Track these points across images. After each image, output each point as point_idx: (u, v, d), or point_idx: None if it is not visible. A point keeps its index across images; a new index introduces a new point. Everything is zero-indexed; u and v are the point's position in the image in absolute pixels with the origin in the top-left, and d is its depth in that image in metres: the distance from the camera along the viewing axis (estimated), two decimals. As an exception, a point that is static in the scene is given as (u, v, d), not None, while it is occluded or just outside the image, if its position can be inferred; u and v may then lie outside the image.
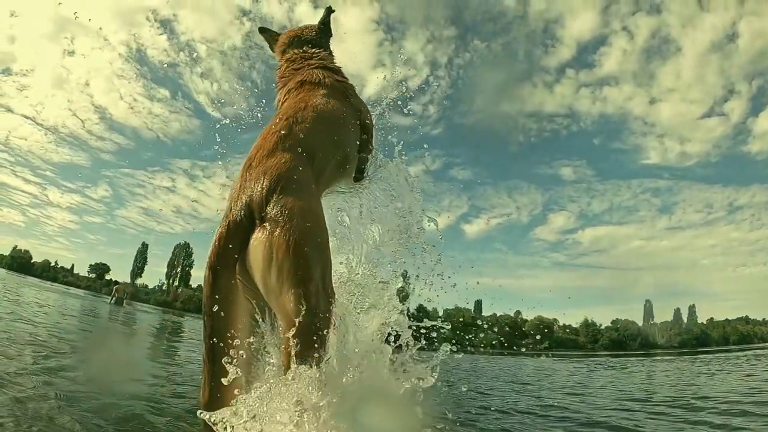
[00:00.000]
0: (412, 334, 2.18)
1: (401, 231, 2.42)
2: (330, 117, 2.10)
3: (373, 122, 2.54)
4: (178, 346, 5.71)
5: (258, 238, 1.57)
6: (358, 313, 2.17)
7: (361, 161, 2.38)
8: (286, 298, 1.51)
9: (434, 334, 2.28)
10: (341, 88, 2.34)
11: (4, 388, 1.82)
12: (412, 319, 2.26)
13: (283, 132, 1.85)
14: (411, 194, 2.49)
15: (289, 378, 1.44)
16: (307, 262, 1.55)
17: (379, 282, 2.32)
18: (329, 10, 2.66)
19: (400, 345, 2.09)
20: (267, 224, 1.57)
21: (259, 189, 1.62)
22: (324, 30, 2.66)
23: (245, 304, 1.68)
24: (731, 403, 4.30)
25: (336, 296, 1.66)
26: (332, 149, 2.05)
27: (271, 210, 1.58)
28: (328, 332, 1.54)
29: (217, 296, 1.55)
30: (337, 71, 2.48)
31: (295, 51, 2.54)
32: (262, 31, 2.76)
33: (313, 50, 2.55)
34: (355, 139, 2.27)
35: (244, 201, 1.62)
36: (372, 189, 2.49)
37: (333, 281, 1.69)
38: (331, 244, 1.77)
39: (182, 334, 7.99)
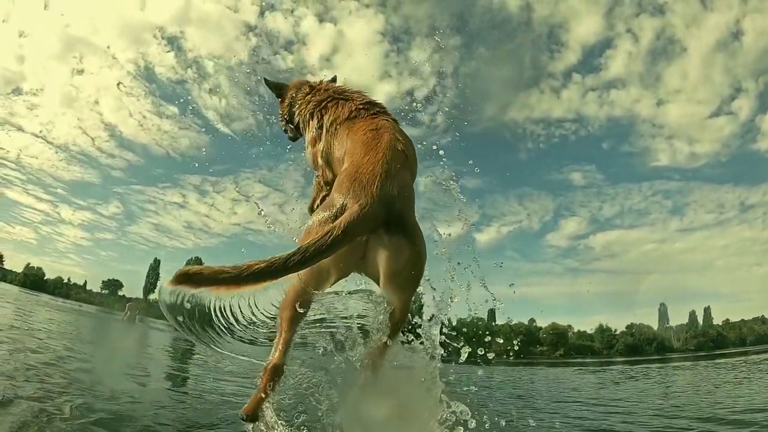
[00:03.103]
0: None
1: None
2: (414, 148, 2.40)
3: None
4: (198, 373, 5.61)
5: (403, 243, 1.93)
6: None
7: None
8: (408, 293, 2.08)
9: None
10: None
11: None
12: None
13: (406, 154, 2.18)
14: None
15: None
16: (422, 273, 2.07)
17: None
18: (335, 79, 3.03)
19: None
20: (407, 233, 1.95)
21: (402, 200, 1.96)
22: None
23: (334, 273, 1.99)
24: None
25: None
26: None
27: (409, 224, 1.99)
28: None
29: (331, 254, 1.75)
30: None
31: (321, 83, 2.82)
32: (268, 81, 2.99)
33: None
34: None
35: (385, 200, 1.89)
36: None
37: None
38: None
39: (195, 356, 7.91)
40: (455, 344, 2.48)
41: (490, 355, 2.61)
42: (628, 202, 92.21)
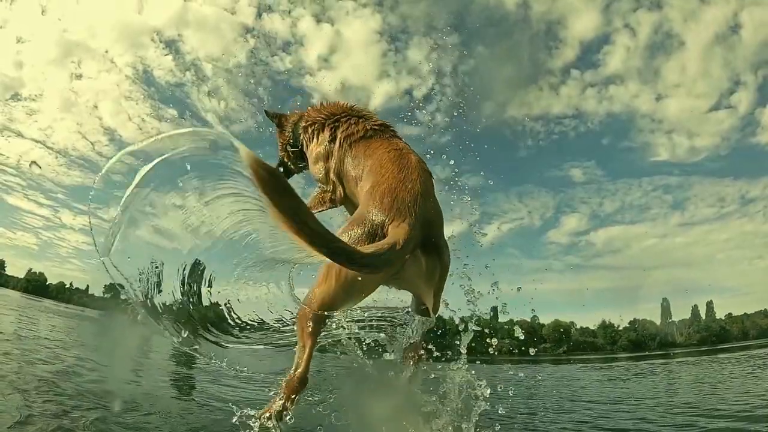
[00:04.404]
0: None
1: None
2: None
3: None
4: (203, 379, 5.59)
5: (437, 264, 2.06)
6: None
7: None
8: (438, 301, 2.24)
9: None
10: None
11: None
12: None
13: (432, 175, 2.28)
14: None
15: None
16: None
17: None
18: None
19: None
20: (440, 253, 2.07)
21: (438, 222, 2.11)
22: None
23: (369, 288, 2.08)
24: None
25: None
26: None
27: (442, 244, 2.11)
28: None
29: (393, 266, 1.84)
30: None
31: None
32: (268, 113, 3.00)
33: None
34: None
35: (424, 220, 1.97)
36: None
37: None
38: None
39: (198, 360, 7.89)
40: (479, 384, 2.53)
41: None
42: (629, 197, 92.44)
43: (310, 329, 2.03)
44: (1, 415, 2.17)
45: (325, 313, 2.01)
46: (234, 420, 2.37)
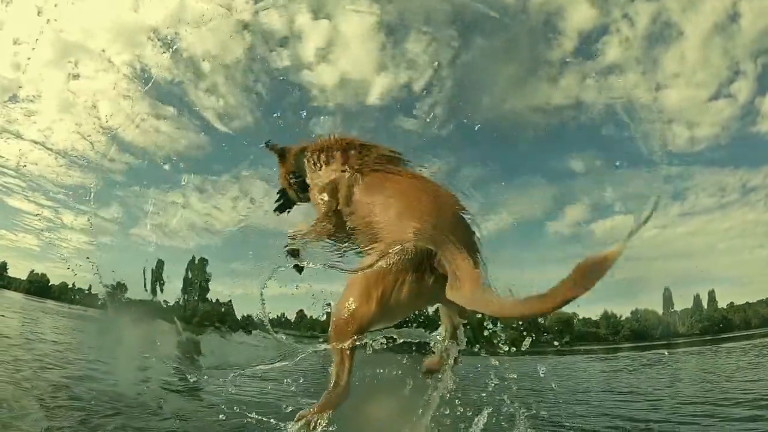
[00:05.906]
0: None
1: None
2: None
3: None
4: (209, 379, 5.57)
5: None
6: None
7: None
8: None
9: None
10: None
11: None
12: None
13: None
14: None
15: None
16: None
17: None
18: None
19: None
20: None
21: (477, 243, 2.11)
22: None
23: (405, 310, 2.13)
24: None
25: None
26: None
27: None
28: None
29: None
30: None
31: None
32: (269, 145, 2.83)
33: None
34: None
35: (465, 243, 1.99)
36: None
37: None
38: None
39: (201, 358, 7.87)
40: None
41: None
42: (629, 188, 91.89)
43: (348, 348, 1.99)
44: (19, 427, 2.14)
45: (360, 336, 1.99)
46: (222, 416, 2.39)
